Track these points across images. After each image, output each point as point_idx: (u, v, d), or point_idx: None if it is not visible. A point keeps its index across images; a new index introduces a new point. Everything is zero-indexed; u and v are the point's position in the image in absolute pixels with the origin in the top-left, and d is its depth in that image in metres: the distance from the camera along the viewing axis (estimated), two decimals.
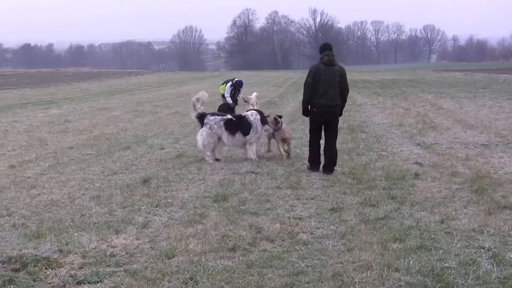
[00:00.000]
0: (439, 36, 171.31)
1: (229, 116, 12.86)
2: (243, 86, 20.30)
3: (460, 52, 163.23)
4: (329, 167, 11.05)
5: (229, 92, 19.56)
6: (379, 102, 27.34)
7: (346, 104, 11.53)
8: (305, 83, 11.12)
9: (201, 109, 12.80)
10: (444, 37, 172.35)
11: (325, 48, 11.16)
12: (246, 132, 12.57)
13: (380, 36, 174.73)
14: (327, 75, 10.89)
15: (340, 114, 11.41)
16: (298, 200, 8.97)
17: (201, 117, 12.74)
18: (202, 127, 12.63)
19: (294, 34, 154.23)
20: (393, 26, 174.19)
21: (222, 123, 12.56)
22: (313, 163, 11.30)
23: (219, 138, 12.58)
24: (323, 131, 11.45)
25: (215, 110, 17.63)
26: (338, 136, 14.94)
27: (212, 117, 12.69)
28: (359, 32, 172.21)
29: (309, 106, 11.30)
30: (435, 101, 27.63)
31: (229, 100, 19.33)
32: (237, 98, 19.72)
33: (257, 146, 12.92)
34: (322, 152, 11.38)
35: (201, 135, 12.53)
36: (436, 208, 8.30)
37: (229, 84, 19.73)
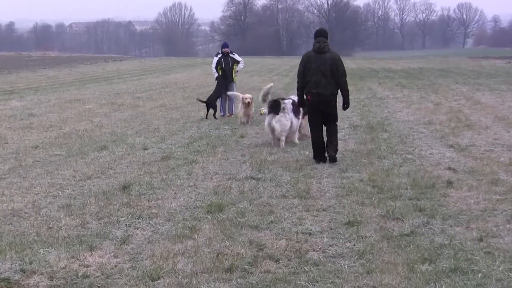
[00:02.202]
0: (477, 16, 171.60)
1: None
2: (229, 47, 20.44)
3: (502, 35, 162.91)
4: (335, 156, 12.38)
5: (215, 63, 20.00)
6: (404, 96, 27.32)
7: (368, 97, 11.97)
8: (297, 72, 12.78)
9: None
10: (483, 17, 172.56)
11: (318, 35, 12.54)
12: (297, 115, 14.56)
13: (405, 17, 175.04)
14: (317, 63, 12.30)
15: (347, 105, 12.73)
16: (307, 212, 8.96)
17: (275, 104, 14.29)
18: (275, 113, 14.14)
19: (303, 14, 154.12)
20: (421, 5, 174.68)
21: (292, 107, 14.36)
22: (318, 157, 12.49)
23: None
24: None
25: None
26: (355, 136, 15.25)
27: (287, 100, 14.46)
28: (380, 12, 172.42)
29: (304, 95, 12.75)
30: (471, 94, 27.65)
31: (214, 73, 19.99)
32: (236, 70, 20.12)
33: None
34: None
35: (279, 121, 14.14)
36: (473, 223, 8.29)
37: (215, 57, 20.32)
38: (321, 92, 12.29)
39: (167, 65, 66.92)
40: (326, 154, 12.47)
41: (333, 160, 12.32)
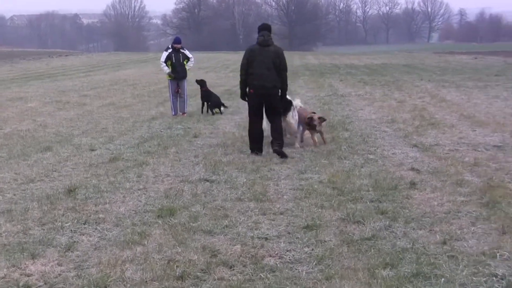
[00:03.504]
0: (442, 10, 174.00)
1: None
2: (181, 42, 20.26)
3: (469, 30, 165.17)
4: (281, 150, 13.04)
5: (165, 57, 19.76)
6: (367, 93, 27.51)
7: (328, 95, 11.95)
8: (241, 65, 13.39)
9: None
10: (449, 11, 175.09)
11: (262, 29, 13.43)
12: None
13: (368, 9, 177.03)
14: (262, 56, 13.09)
15: (283, 96, 13.53)
16: (263, 216, 8.98)
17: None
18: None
19: (260, 6, 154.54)
20: None
21: None
22: (255, 148, 13.38)
23: None
24: (265, 116, 13.55)
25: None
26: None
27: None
28: (341, 4, 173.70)
29: (247, 89, 13.40)
30: (436, 91, 27.92)
31: (165, 68, 19.81)
32: (186, 64, 19.91)
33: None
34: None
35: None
36: (436, 226, 8.38)
37: (164, 52, 20.07)
38: (264, 85, 13.01)
39: (117, 61, 66.54)
40: (271, 150, 13.23)
41: (283, 155, 12.95)
